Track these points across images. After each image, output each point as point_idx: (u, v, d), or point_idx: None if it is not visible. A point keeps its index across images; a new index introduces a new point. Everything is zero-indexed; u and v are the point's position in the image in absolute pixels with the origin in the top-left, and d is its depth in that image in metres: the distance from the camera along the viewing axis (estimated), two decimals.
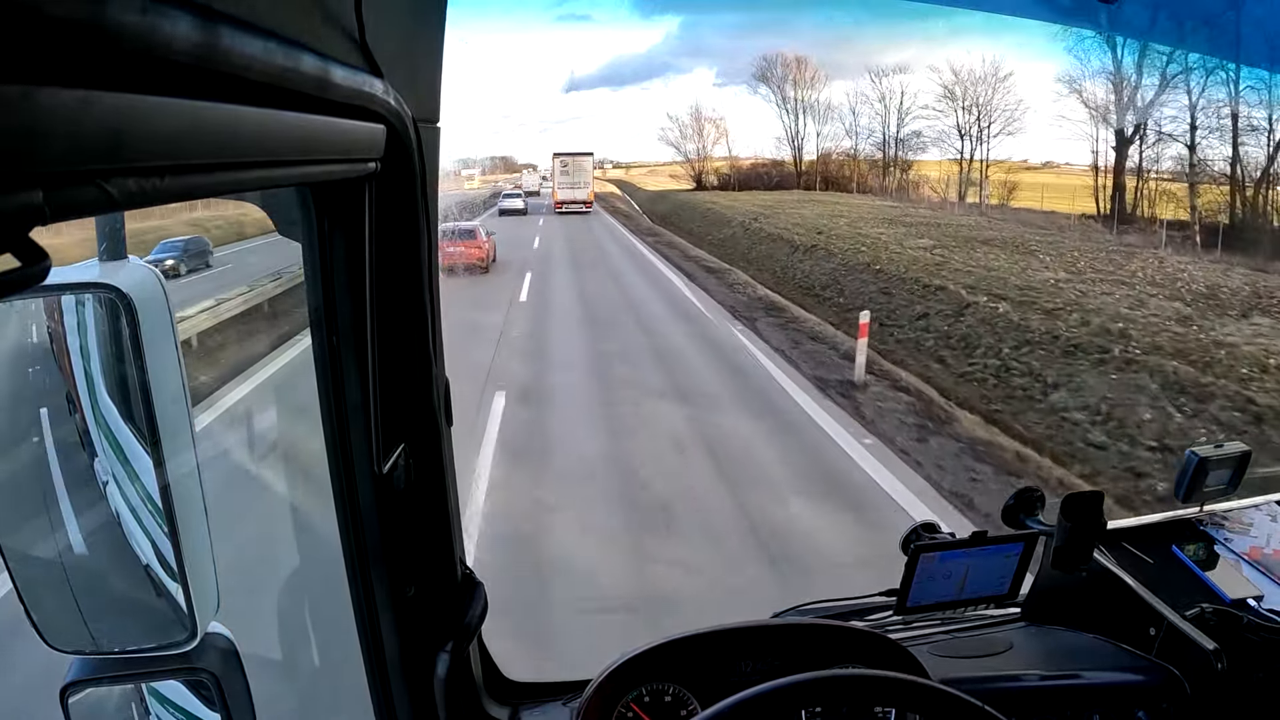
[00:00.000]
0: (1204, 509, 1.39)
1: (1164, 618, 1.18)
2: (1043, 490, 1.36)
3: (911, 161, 32.84)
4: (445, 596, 0.97)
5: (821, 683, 0.83)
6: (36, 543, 0.60)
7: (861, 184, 34.31)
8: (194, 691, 0.68)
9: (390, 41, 0.63)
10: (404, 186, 0.71)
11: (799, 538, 4.32)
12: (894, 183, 33.14)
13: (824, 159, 36.20)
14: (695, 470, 5.30)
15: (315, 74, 0.45)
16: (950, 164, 30.73)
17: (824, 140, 36.28)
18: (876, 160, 34.37)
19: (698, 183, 39.25)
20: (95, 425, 0.59)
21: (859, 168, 35.19)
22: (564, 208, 30.66)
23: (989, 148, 29.00)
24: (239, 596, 0.75)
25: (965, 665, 1.19)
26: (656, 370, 8.05)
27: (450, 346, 0.90)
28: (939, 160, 31.22)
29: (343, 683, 1.14)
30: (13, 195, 0.25)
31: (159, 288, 0.57)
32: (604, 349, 8.99)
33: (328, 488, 0.80)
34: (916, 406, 7.05)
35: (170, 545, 0.57)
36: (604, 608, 3.54)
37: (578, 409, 6.70)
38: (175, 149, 0.33)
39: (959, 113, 30.02)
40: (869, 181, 34.30)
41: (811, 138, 35.87)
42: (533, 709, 1.18)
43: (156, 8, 0.29)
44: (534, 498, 4.83)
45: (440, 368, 0.88)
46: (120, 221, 0.60)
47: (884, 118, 33.66)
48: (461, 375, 4.78)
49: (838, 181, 35.13)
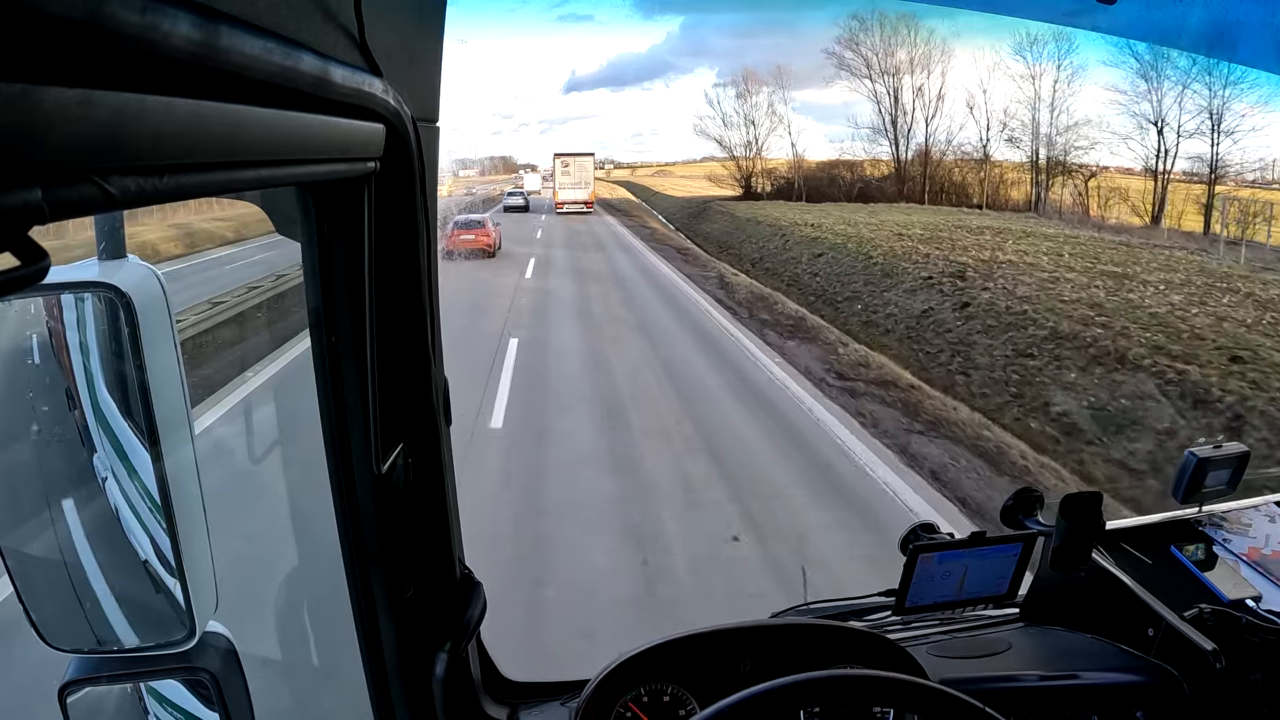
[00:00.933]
0: (1203, 510, 1.39)
1: (1162, 618, 1.18)
2: (1041, 491, 1.36)
3: (1084, 168, 21.75)
4: (444, 596, 0.97)
5: (820, 683, 0.83)
6: (35, 541, 0.60)
7: (996, 195, 23.47)
8: (192, 691, 0.68)
9: (390, 41, 0.63)
10: (403, 186, 0.71)
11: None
12: (1065, 196, 22.15)
13: (930, 159, 24.78)
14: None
15: (315, 73, 0.45)
16: (1119, 171, 20.69)
17: (937, 133, 24.43)
18: (1017, 164, 23.26)
19: (747, 188, 29.10)
20: (94, 423, 0.59)
21: (993, 173, 23.65)
22: (565, 208, 30.56)
23: (1217, 151, 18.24)
24: (238, 596, 0.75)
25: (964, 665, 1.19)
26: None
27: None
28: (1107, 167, 21.31)
29: (341, 682, 1.14)
30: (12, 194, 0.25)
31: (158, 287, 0.57)
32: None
33: (327, 487, 0.80)
34: None
35: (169, 544, 0.57)
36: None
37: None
38: (175, 148, 0.33)
39: (1158, 98, 19.23)
40: (1009, 192, 23.26)
41: (905, 134, 24.98)
42: (531, 709, 1.18)
43: (156, 7, 0.29)
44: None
45: (439, 367, 0.88)
46: (120, 220, 0.60)
47: (1032, 103, 22.26)
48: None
49: (959, 191, 24.01)
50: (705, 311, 11.63)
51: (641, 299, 12.49)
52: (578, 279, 14.32)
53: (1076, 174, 22.16)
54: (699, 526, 4.49)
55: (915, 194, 24.32)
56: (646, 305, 11.96)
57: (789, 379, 7.86)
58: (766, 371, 8.22)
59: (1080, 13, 1.29)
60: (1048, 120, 22.35)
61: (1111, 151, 21.49)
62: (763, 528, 4.40)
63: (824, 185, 26.95)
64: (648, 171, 39.37)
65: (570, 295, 12.59)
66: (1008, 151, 23.53)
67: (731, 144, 29.92)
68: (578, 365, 8.30)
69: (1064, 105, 22.15)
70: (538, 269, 15.35)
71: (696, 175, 34.82)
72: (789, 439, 6.02)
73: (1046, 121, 22.40)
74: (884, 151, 25.67)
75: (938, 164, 24.66)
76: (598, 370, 8.12)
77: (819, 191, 26.64)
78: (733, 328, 10.46)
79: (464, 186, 35.05)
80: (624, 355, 8.74)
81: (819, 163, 28.31)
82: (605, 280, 14.46)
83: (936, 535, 1.30)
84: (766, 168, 29.19)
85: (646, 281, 14.56)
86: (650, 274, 15.59)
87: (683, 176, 36.29)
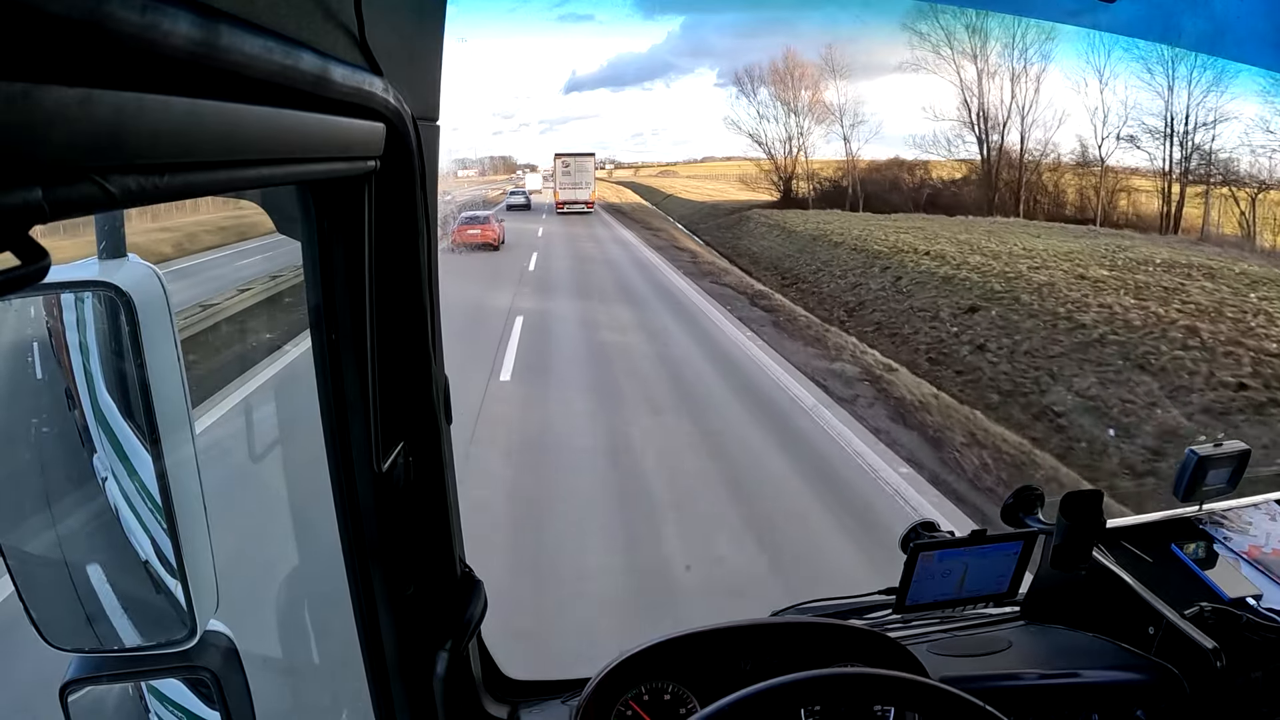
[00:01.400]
0: (1203, 508, 1.39)
1: (1163, 616, 1.18)
2: (1042, 489, 1.36)
3: (1250, 179, 15.29)
4: (445, 595, 0.97)
5: (821, 681, 0.83)
6: (35, 540, 0.60)
7: (1114, 208, 17.46)
8: (193, 690, 0.68)
9: (390, 40, 0.63)
10: (404, 185, 0.71)
11: None
12: (1220, 216, 15.95)
13: (1024, 162, 18.81)
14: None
15: (315, 72, 0.45)
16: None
17: (1032, 131, 18.48)
18: (1139, 171, 17.10)
19: (786, 192, 24.34)
20: (95, 423, 0.59)
21: (1109, 181, 17.58)
22: (565, 208, 30.51)
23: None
24: (239, 594, 0.75)
25: (964, 664, 1.19)
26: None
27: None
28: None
29: (342, 681, 1.14)
30: (12, 193, 0.25)
31: (158, 286, 0.57)
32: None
33: (327, 486, 0.80)
34: None
35: (170, 543, 0.57)
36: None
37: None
38: (175, 147, 0.33)
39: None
40: (1132, 206, 17.23)
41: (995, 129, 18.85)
42: (532, 707, 1.18)
43: (156, 6, 0.29)
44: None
45: (440, 366, 0.88)
46: (120, 219, 0.60)
47: (1165, 94, 16.60)
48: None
49: (1059, 202, 18.12)
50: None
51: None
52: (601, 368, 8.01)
53: (1237, 187, 16.36)
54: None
55: (1008, 204, 18.89)
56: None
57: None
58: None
59: (1081, 11, 1.29)
60: (1196, 121, 16.60)
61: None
62: None
63: (884, 191, 21.83)
64: (650, 171, 37.98)
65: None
66: (1129, 157, 18.03)
67: (769, 140, 25.67)
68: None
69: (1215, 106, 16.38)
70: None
71: (703, 175, 32.50)
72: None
73: (1194, 123, 16.71)
74: (969, 149, 20.28)
75: (1034, 168, 19.15)
76: None
77: (879, 198, 21.43)
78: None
79: (457, 186, 34.76)
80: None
81: (870, 163, 23.76)
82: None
83: (937, 534, 1.30)
84: (808, 168, 24.52)
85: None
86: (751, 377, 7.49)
87: (689, 177, 34.39)
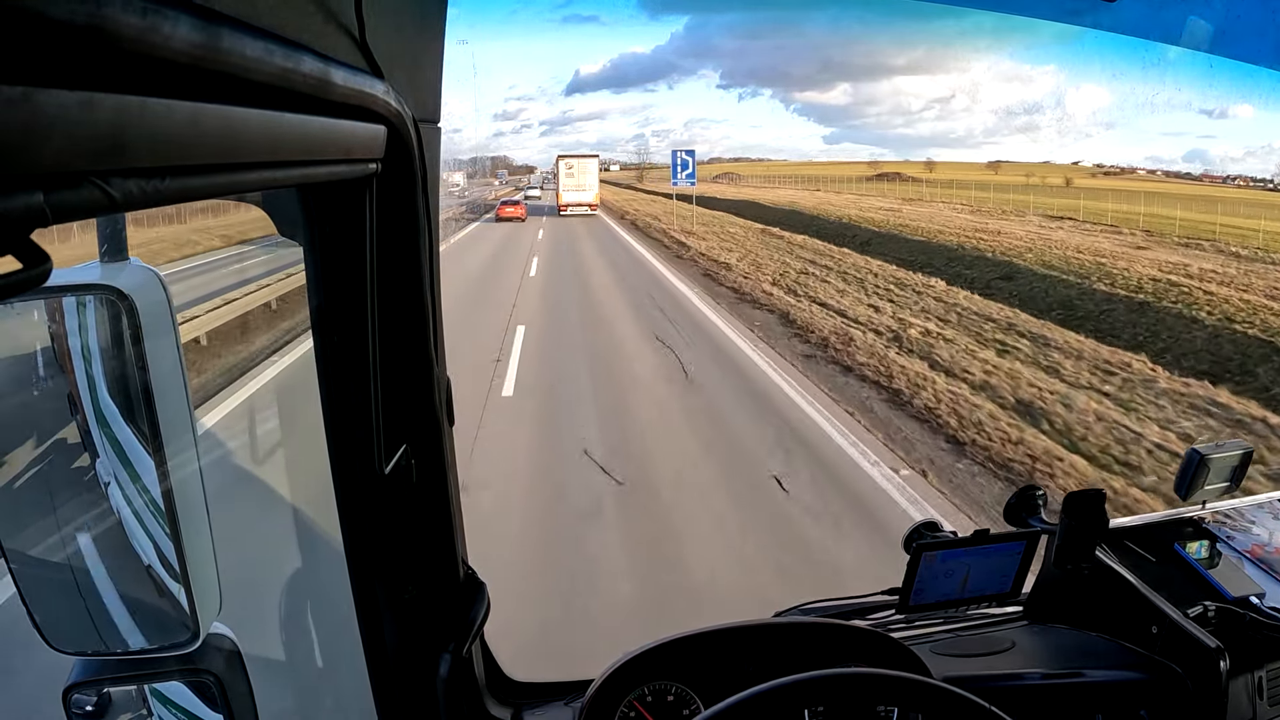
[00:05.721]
0: (1206, 507, 1.39)
1: (1166, 616, 1.18)
2: (1044, 490, 1.36)
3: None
4: (447, 596, 0.97)
5: (824, 681, 0.83)
6: (38, 544, 0.60)
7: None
8: (197, 692, 0.68)
9: (390, 42, 0.63)
10: (405, 187, 0.71)
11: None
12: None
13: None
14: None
15: (316, 75, 0.45)
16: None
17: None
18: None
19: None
20: (97, 426, 0.59)
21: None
22: (568, 210, 30.40)
23: None
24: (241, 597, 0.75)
25: (968, 664, 1.19)
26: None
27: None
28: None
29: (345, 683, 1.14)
30: (14, 197, 0.25)
31: (160, 289, 0.57)
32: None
33: (330, 488, 0.80)
34: None
35: (172, 546, 0.57)
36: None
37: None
38: (176, 150, 0.33)
39: None
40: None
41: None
42: (535, 709, 1.18)
43: (157, 9, 0.28)
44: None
45: (442, 368, 0.88)
46: (122, 223, 0.60)
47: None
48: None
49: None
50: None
51: None
52: None
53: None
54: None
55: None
56: None
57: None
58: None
59: (1082, 11, 1.28)
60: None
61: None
62: None
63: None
64: (705, 175, 32.24)
65: None
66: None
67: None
68: None
69: None
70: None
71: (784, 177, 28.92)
72: None
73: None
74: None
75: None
76: None
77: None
78: None
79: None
80: None
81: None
82: None
83: (940, 534, 1.29)
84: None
85: None
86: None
87: (760, 181, 30.23)
